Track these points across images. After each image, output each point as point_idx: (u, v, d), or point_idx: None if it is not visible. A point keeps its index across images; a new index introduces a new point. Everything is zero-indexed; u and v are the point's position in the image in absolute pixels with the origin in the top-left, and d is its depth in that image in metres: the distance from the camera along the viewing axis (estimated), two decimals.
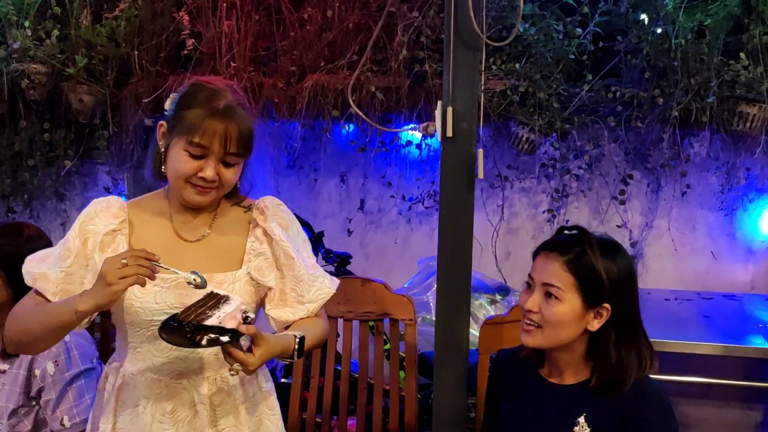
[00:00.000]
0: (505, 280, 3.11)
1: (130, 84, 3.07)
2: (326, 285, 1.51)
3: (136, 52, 3.02)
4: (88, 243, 1.41)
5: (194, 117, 1.35)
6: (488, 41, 1.57)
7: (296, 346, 1.35)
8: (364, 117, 1.96)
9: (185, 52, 2.99)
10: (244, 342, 1.30)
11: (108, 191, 3.36)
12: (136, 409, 1.43)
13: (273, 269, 1.47)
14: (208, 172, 1.36)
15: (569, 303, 1.42)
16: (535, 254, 1.49)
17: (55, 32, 3.04)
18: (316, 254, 2.82)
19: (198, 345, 1.23)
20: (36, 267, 1.44)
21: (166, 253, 1.35)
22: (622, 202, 3.04)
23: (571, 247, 1.43)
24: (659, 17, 2.79)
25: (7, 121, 3.19)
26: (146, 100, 2.96)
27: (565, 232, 1.49)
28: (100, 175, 3.43)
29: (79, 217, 1.45)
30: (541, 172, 3.10)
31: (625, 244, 3.12)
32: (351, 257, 2.80)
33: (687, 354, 2.74)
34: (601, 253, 1.42)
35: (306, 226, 2.89)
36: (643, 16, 2.85)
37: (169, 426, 1.42)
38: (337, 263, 2.75)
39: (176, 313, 1.28)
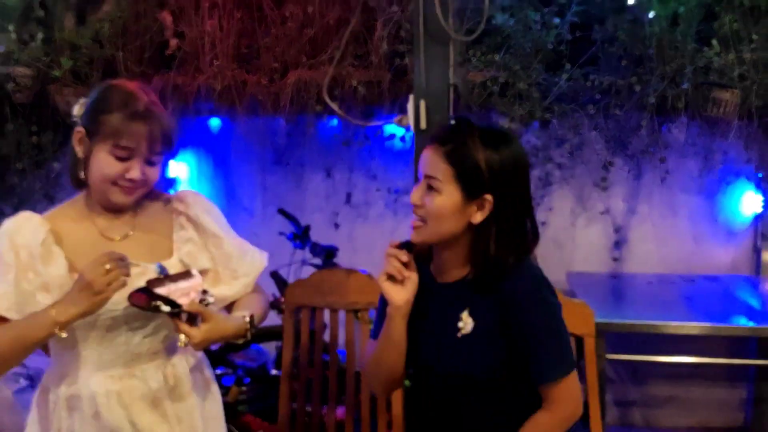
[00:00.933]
0: None
1: None
2: (257, 258, 1.59)
3: (121, 53, 3.04)
4: (21, 255, 1.40)
5: (116, 121, 1.38)
6: (455, 35, 1.60)
7: (248, 326, 1.44)
8: (340, 112, 1.99)
9: (169, 52, 3.02)
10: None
11: None
12: (96, 413, 1.44)
13: (203, 251, 1.53)
14: (135, 173, 1.41)
15: (448, 195, 1.37)
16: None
17: (39, 35, 3.07)
18: (302, 248, 2.86)
19: (144, 308, 1.35)
20: None
21: (98, 254, 1.37)
22: (604, 188, 3.09)
23: (452, 137, 1.39)
24: (636, 5, 2.84)
25: None
26: None
27: (451, 122, 1.45)
28: None
29: (0, 233, 1.43)
30: None
31: (609, 230, 3.17)
32: (337, 249, 2.83)
33: (672, 336, 2.79)
34: (483, 143, 1.37)
35: (292, 220, 2.91)
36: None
37: (126, 418, 1.45)
38: (324, 256, 2.78)
39: (149, 278, 1.38)
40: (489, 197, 1.38)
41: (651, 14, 2.87)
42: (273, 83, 2.98)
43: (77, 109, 1.45)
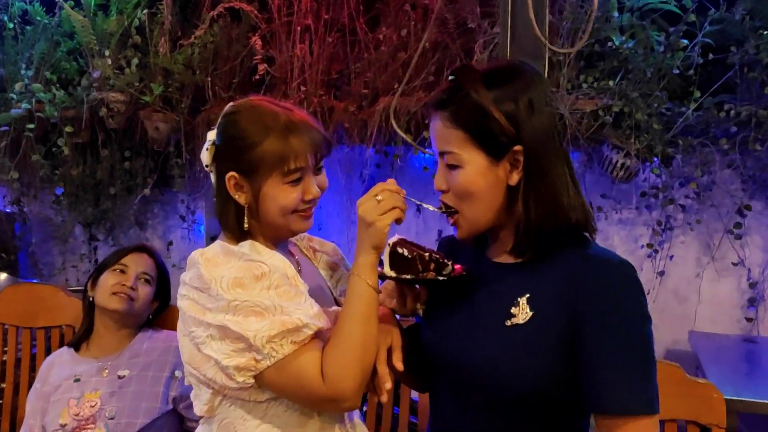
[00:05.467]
0: None
1: (203, 111, 3.02)
2: None
3: (209, 79, 2.96)
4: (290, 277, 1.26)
5: (274, 147, 1.21)
6: (552, 47, 1.32)
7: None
8: (412, 142, 1.75)
9: (257, 77, 2.91)
10: None
11: (183, 219, 3.32)
12: None
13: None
14: (312, 191, 1.26)
15: (471, 164, 1.11)
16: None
17: (135, 60, 3.05)
18: None
19: (405, 259, 1.18)
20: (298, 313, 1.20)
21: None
22: (738, 237, 2.64)
23: (452, 95, 1.13)
24: None
25: (89, 149, 3.23)
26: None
27: (450, 77, 1.17)
28: (179, 204, 3.40)
29: (268, 266, 1.25)
30: (641, 202, 2.75)
31: (742, 285, 2.71)
32: None
33: None
34: (488, 85, 1.10)
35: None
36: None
37: None
38: None
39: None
40: (518, 147, 1.10)
41: None
42: (361, 110, 2.79)
43: (207, 157, 1.28)
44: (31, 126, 3.06)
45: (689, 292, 2.77)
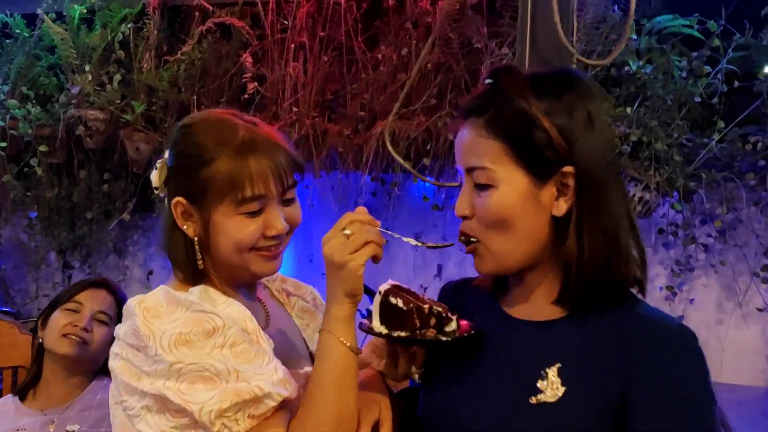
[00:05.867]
0: None
1: None
2: None
3: (195, 97, 2.77)
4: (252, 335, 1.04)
5: (227, 167, 0.98)
6: (581, 58, 1.12)
7: None
8: (410, 169, 1.55)
9: (246, 96, 2.72)
10: None
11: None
12: None
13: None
14: (277, 225, 1.01)
15: (509, 182, 0.89)
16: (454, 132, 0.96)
17: (117, 77, 2.87)
18: None
19: (400, 311, 0.97)
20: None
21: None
22: (765, 281, 2.42)
23: (490, 99, 0.91)
24: None
25: (65, 170, 3.02)
26: None
27: (487, 81, 0.94)
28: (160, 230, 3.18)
29: (222, 321, 1.03)
30: (659, 240, 2.54)
31: None
32: None
33: None
34: (536, 93, 0.89)
35: (370, 294, 2.48)
36: None
37: None
38: None
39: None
40: (569, 169, 0.88)
41: None
42: (357, 134, 2.59)
43: (156, 177, 1.05)
44: (3, 144, 2.86)
45: (711, 340, 2.55)
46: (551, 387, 0.88)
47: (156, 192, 1.08)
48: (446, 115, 2.48)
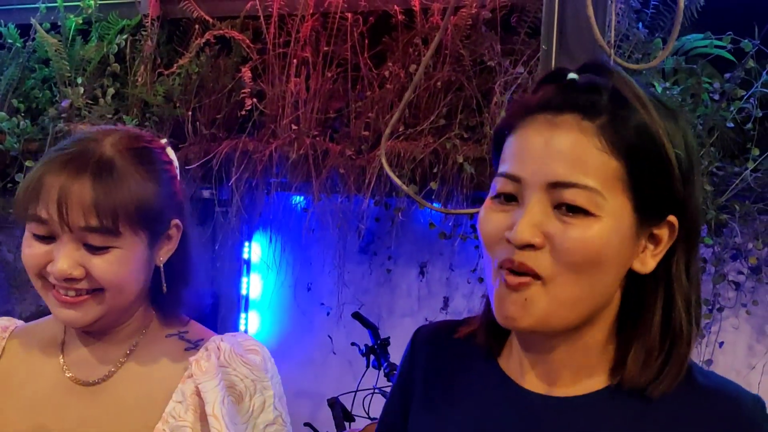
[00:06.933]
0: None
1: (181, 148, 2.68)
2: None
3: (190, 113, 2.63)
4: None
5: (30, 176, 0.88)
6: (618, 60, 0.94)
7: None
8: (414, 195, 1.39)
9: (243, 112, 2.57)
10: None
11: None
12: None
13: None
14: (59, 264, 0.84)
15: (616, 218, 0.68)
16: (514, 120, 0.72)
17: (111, 90, 2.74)
18: (378, 368, 2.21)
19: None
20: None
21: (49, 405, 0.86)
22: None
23: (603, 100, 0.70)
24: None
25: None
26: (191, 167, 2.54)
27: (572, 76, 0.72)
28: None
29: None
30: None
31: None
32: None
33: None
34: (655, 105, 0.70)
35: (370, 328, 2.30)
36: None
37: None
38: None
39: None
40: (673, 219, 0.71)
41: None
42: (360, 155, 2.43)
43: None
44: None
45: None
46: None
47: None
48: (455, 137, 2.32)
